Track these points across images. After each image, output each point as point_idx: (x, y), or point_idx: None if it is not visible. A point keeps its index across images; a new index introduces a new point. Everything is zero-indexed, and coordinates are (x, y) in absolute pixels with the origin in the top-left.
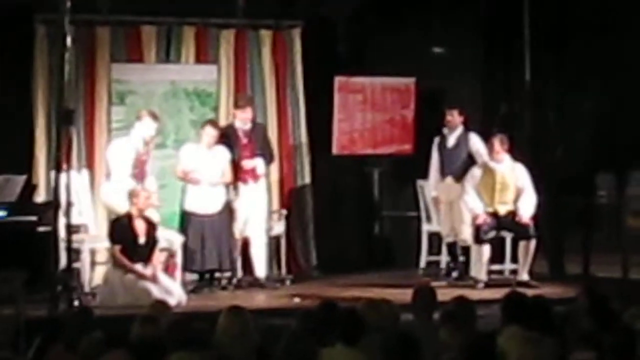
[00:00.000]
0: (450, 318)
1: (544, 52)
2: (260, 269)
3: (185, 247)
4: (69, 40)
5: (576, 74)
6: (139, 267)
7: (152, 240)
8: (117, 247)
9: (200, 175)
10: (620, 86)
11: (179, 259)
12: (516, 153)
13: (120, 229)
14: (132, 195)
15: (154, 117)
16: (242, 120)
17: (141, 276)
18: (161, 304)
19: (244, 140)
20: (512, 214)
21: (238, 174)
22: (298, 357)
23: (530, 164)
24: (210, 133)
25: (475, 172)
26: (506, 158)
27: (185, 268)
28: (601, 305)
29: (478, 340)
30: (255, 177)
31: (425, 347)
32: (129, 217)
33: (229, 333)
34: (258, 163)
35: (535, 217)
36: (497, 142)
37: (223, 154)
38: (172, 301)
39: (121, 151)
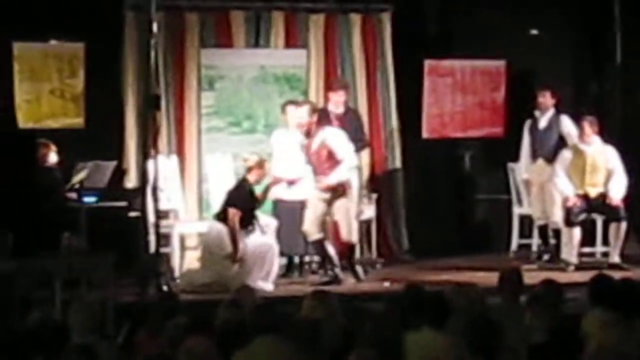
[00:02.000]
0: (536, 301)
1: (635, 32)
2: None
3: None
4: (155, 26)
5: None
6: (242, 245)
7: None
8: (238, 214)
9: (286, 165)
10: None
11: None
12: (606, 135)
13: (246, 195)
14: (259, 165)
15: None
16: (335, 104)
17: (235, 254)
18: (246, 288)
19: (336, 124)
20: (603, 196)
21: None
22: (384, 341)
23: (621, 145)
24: (292, 112)
25: (566, 154)
26: (596, 140)
27: None
28: None
29: (562, 323)
30: None
31: (511, 331)
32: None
33: (313, 317)
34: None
35: (626, 199)
36: (587, 125)
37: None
38: (266, 287)
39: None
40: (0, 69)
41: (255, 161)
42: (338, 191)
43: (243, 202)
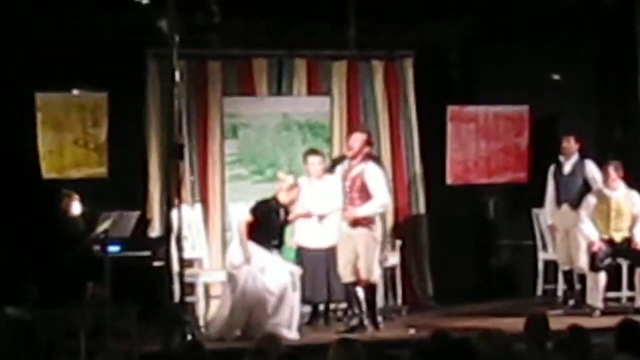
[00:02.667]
0: (563, 347)
1: None
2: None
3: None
4: (177, 74)
5: None
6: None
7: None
8: (248, 221)
9: (308, 208)
10: None
11: (297, 291)
12: (631, 180)
13: (269, 209)
14: (292, 187)
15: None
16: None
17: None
18: (270, 337)
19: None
20: (628, 240)
21: None
22: None
23: None
24: (313, 162)
25: (590, 199)
26: (621, 185)
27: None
28: None
29: None
30: None
31: None
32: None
33: None
34: None
35: None
36: (611, 169)
37: (335, 182)
38: (290, 335)
39: None
40: (23, 119)
41: (291, 182)
42: (362, 227)
43: (262, 214)
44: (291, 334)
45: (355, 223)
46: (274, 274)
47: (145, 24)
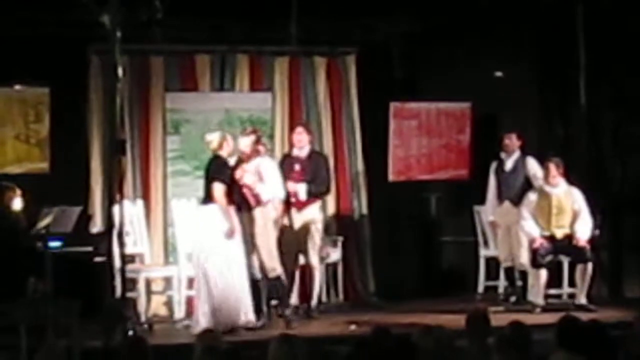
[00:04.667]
0: (504, 343)
1: (598, 75)
2: (315, 296)
3: None
4: (120, 70)
5: (632, 97)
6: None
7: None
8: (223, 187)
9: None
10: None
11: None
12: (572, 177)
13: (225, 168)
14: (224, 138)
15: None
16: (298, 144)
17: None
18: (210, 333)
19: (297, 167)
20: (569, 237)
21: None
22: None
23: (586, 187)
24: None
25: (531, 196)
26: (561, 182)
27: None
28: None
29: None
30: (299, 204)
31: None
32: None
33: None
34: (300, 188)
35: (592, 240)
36: (552, 166)
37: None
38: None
39: None
40: None
41: (220, 137)
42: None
43: (225, 175)
44: (254, 318)
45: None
46: (237, 259)
47: (88, 20)
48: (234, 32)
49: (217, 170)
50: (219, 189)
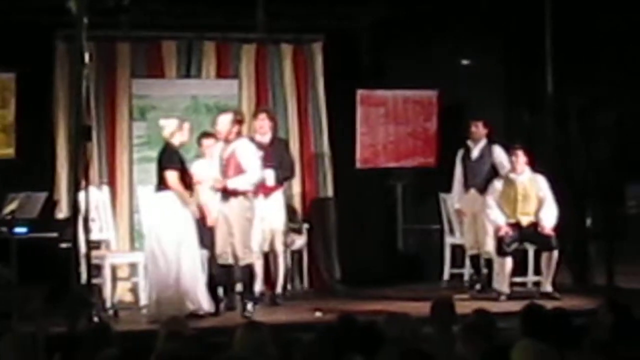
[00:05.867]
0: (469, 331)
1: (566, 63)
2: (280, 283)
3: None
4: (86, 56)
5: (599, 84)
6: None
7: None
8: (176, 174)
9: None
10: None
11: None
12: (539, 164)
13: (176, 156)
14: (179, 127)
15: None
16: (260, 130)
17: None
18: (178, 319)
19: (261, 154)
20: (534, 225)
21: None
22: None
23: (553, 174)
24: (208, 144)
25: (497, 184)
26: (526, 169)
27: None
28: (623, 317)
29: (494, 353)
30: (266, 190)
31: None
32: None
33: (245, 348)
34: (268, 174)
35: (557, 228)
36: (518, 154)
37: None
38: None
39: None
40: None
41: (175, 125)
42: (235, 201)
43: (175, 162)
44: (207, 306)
45: (228, 196)
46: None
47: (54, 5)
48: (201, 19)
49: (168, 159)
50: (172, 176)
